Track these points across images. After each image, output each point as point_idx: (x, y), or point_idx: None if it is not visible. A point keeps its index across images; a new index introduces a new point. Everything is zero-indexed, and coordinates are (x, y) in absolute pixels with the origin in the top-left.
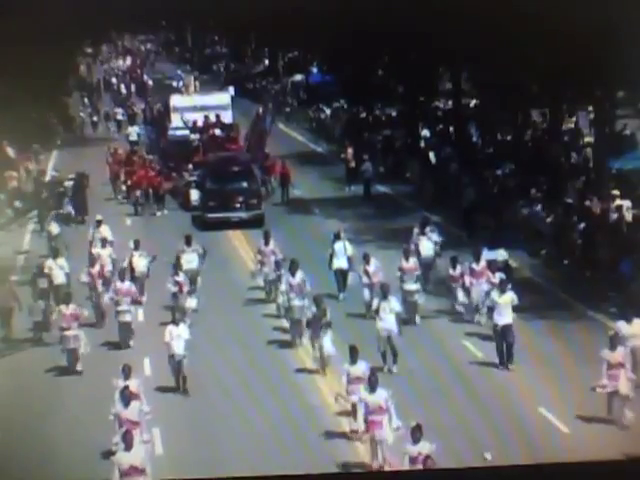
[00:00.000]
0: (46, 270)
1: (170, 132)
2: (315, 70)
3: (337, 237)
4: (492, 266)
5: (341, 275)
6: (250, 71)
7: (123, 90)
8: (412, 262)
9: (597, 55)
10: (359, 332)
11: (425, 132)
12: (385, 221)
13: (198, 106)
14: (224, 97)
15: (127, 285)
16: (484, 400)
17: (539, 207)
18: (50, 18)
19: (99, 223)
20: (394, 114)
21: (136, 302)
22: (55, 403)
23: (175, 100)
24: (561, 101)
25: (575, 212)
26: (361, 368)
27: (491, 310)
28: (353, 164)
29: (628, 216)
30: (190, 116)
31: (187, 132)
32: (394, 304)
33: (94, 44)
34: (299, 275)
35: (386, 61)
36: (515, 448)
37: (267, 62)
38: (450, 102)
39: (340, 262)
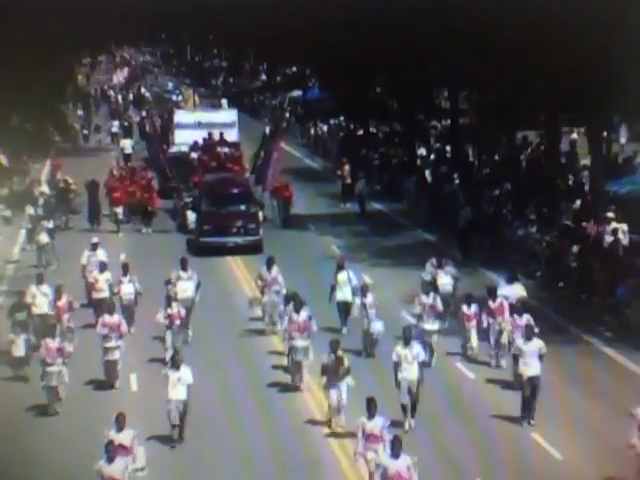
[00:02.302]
0: (29, 299)
1: (170, 149)
2: (313, 86)
3: (340, 267)
4: (515, 308)
5: (344, 307)
6: (248, 86)
7: (120, 101)
8: (432, 299)
9: (595, 78)
10: (364, 369)
11: (422, 150)
12: (379, 238)
13: (203, 123)
14: (231, 114)
15: (116, 318)
16: (476, 425)
17: (535, 228)
18: (50, 27)
19: (95, 246)
20: (391, 132)
21: (124, 335)
22: (32, 444)
23: (179, 116)
24: (559, 123)
25: (571, 234)
26: (378, 424)
27: (516, 359)
28: (349, 181)
29: (624, 240)
30: (194, 133)
31: (187, 149)
32: (417, 350)
33: (93, 54)
34: (304, 312)
35: (384, 79)
36: (507, 474)
37: (265, 77)
38: (447, 121)
39: (344, 294)
